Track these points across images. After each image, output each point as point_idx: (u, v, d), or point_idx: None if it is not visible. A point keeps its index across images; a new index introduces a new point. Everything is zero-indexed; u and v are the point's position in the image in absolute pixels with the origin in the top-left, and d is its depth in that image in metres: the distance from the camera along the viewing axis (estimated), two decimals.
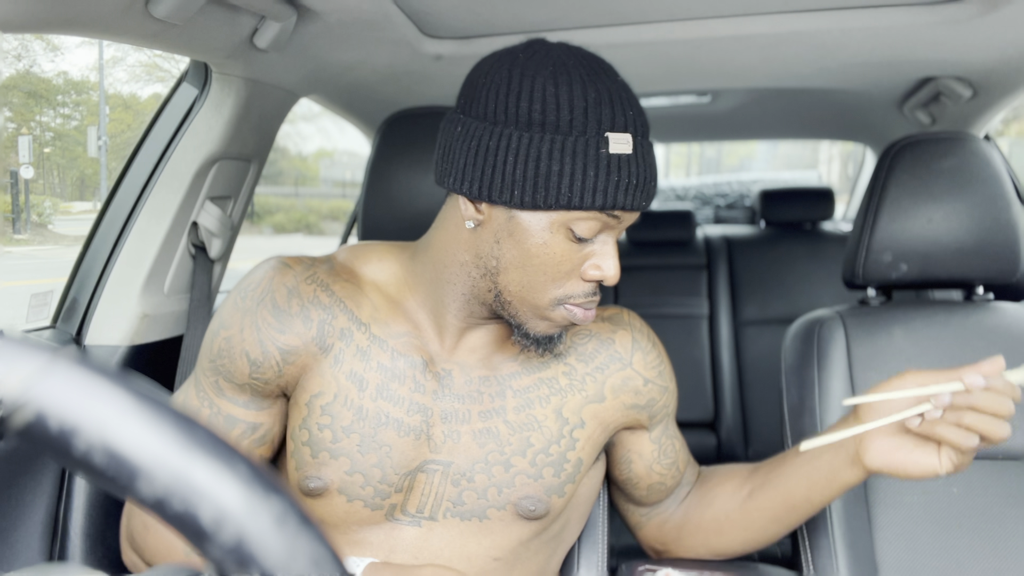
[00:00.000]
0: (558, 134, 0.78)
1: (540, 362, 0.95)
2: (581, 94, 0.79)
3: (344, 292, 0.92)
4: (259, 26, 1.12)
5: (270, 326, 0.88)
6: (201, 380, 0.92)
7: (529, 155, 0.78)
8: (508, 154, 0.79)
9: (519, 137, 0.79)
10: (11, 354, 0.32)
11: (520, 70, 0.81)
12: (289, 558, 0.32)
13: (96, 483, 0.32)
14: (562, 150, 0.78)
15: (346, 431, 0.88)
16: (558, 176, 0.78)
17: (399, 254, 0.97)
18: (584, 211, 0.79)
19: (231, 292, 0.92)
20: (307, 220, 11.64)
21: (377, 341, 0.90)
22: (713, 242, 2.74)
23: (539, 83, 0.79)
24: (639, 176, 0.80)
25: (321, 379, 0.89)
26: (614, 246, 0.84)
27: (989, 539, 1.11)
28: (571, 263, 0.82)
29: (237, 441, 0.89)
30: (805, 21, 1.26)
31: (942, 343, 1.22)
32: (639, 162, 0.80)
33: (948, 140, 1.24)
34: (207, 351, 0.91)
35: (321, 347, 0.89)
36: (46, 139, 1.86)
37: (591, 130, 0.78)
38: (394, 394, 0.89)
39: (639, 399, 0.98)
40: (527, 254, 0.81)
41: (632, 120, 0.81)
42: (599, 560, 1.07)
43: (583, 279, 0.83)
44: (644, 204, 0.83)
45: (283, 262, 0.92)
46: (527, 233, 0.81)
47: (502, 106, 0.80)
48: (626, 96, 0.82)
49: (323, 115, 1.95)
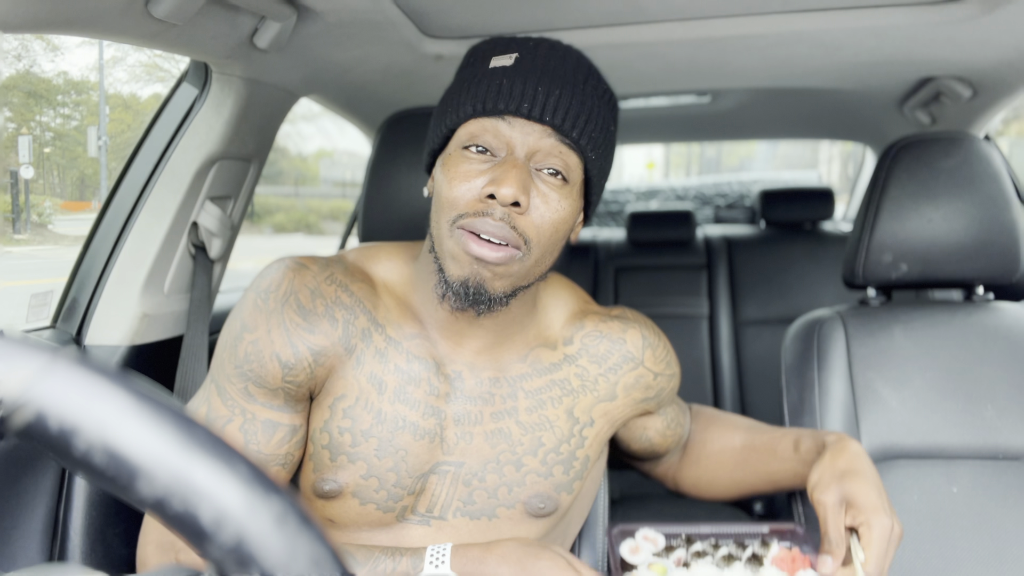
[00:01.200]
0: (455, 79, 0.90)
1: (550, 363, 0.95)
2: (482, 45, 0.90)
3: (362, 292, 0.91)
4: (259, 26, 1.12)
5: (299, 327, 0.86)
6: (227, 388, 0.87)
7: (439, 105, 0.90)
8: (433, 116, 0.92)
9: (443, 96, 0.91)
10: (11, 354, 0.32)
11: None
12: (289, 558, 0.32)
13: (96, 483, 0.32)
14: (454, 85, 0.89)
15: (365, 435, 0.87)
16: (447, 103, 0.88)
17: (404, 254, 0.98)
18: (467, 123, 0.84)
19: (246, 294, 0.90)
20: (307, 220, 11.64)
21: (393, 343, 0.90)
22: (713, 242, 2.74)
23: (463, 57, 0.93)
24: (515, 81, 0.83)
25: (344, 381, 0.88)
26: (513, 163, 0.81)
27: (989, 539, 1.11)
28: (468, 182, 0.82)
29: (278, 446, 0.88)
30: (805, 21, 1.26)
31: (942, 343, 1.22)
32: (519, 71, 0.84)
33: (948, 140, 1.24)
34: (230, 356, 0.87)
35: (346, 348, 0.88)
36: (46, 139, 1.86)
37: (483, 60, 0.87)
38: (410, 397, 0.89)
39: (649, 392, 1.01)
40: (438, 186, 0.86)
41: (530, 47, 0.87)
42: (599, 559, 1.07)
43: (478, 199, 0.82)
44: (524, 108, 0.82)
45: (299, 262, 0.90)
46: (439, 170, 0.88)
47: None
48: (530, 39, 0.89)
49: (323, 115, 1.95)
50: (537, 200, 0.82)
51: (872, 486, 0.91)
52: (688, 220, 2.74)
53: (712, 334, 2.58)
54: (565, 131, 0.83)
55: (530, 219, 0.82)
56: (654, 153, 9.45)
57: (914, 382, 1.20)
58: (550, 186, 0.83)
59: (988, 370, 1.19)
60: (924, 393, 1.19)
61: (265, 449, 0.87)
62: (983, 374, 1.19)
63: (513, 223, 0.81)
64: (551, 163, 0.83)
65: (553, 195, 0.83)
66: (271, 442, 0.87)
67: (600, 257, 2.79)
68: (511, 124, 0.82)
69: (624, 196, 4.22)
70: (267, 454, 0.87)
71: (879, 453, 1.17)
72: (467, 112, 0.83)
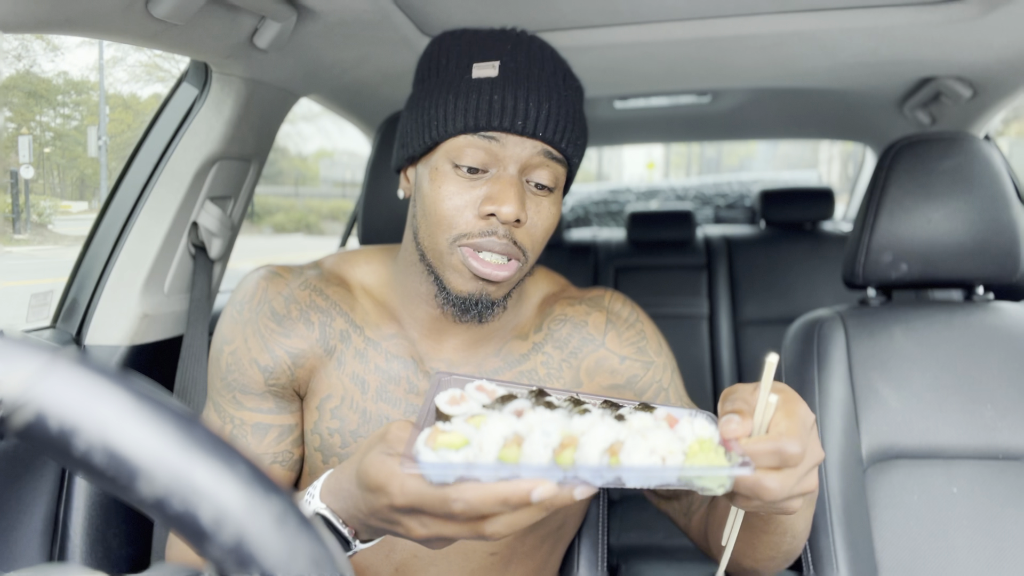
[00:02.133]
0: (434, 79, 0.86)
1: (520, 355, 0.95)
2: (454, 43, 0.87)
3: (337, 296, 0.93)
4: (259, 26, 1.12)
5: (274, 332, 0.89)
6: (218, 401, 0.90)
7: (414, 107, 0.87)
8: (406, 116, 0.88)
9: (412, 99, 0.88)
10: (11, 354, 0.32)
11: (424, 50, 0.91)
12: (289, 558, 0.32)
13: (96, 483, 0.32)
14: (435, 90, 0.84)
15: (354, 435, 0.88)
16: (429, 112, 0.84)
17: (384, 256, 0.99)
18: (456, 138, 0.82)
19: (225, 308, 0.92)
20: (307, 220, 11.65)
21: (372, 343, 0.91)
22: (713, 242, 2.74)
23: (428, 49, 0.90)
24: (505, 95, 0.81)
25: (328, 381, 0.89)
26: (509, 180, 0.82)
27: (989, 539, 1.11)
28: (462, 198, 0.82)
29: (272, 445, 0.89)
30: (805, 21, 1.26)
31: (942, 343, 1.22)
32: (507, 84, 0.82)
33: (948, 140, 1.24)
34: (216, 370, 0.90)
35: (325, 349, 0.90)
36: (46, 139, 1.85)
37: (462, 65, 0.84)
38: (391, 396, 0.90)
39: (616, 378, 0.97)
40: (424, 198, 0.85)
41: (509, 52, 0.84)
42: (599, 559, 1.07)
43: (479, 217, 0.82)
44: (518, 124, 0.81)
45: (272, 271, 0.93)
46: (423, 179, 0.86)
47: (414, 83, 0.91)
48: (511, 36, 0.86)
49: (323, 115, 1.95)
50: (531, 211, 0.84)
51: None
52: (688, 220, 2.74)
53: (712, 334, 2.58)
54: (555, 143, 0.84)
55: (526, 230, 0.84)
56: (654, 153, 9.45)
57: (914, 382, 1.20)
58: (540, 195, 0.85)
59: (988, 370, 1.19)
60: (924, 393, 1.19)
61: (257, 449, 0.88)
62: (983, 374, 1.19)
63: (513, 237, 0.83)
64: (542, 178, 0.85)
65: (544, 203, 0.86)
66: (263, 442, 0.89)
67: (600, 257, 2.79)
68: (503, 141, 0.82)
69: (624, 196, 4.22)
70: (261, 453, 0.88)
71: (879, 453, 1.17)
72: (458, 127, 0.82)
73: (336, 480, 0.67)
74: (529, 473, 0.55)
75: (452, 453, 0.56)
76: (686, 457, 0.58)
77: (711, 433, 0.60)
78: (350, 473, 0.65)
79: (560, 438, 0.58)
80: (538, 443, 0.57)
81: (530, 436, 0.57)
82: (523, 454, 0.56)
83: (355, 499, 0.63)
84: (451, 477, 0.56)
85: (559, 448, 0.57)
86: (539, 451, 0.56)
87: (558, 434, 0.58)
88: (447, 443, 0.57)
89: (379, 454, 0.60)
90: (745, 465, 0.58)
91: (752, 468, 0.58)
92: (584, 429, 0.59)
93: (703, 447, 0.58)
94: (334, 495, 0.66)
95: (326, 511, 0.66)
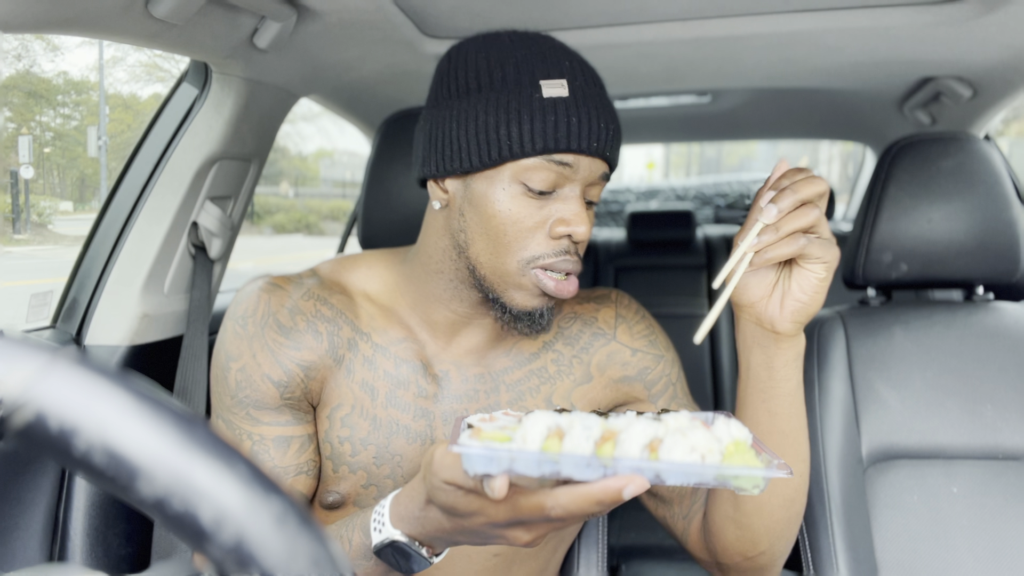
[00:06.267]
0: (492, 92, 0.81)
1: (530, 353, 0.95)
2: (510, 52, 0.83)
3: (341, 304, 0.92)
4: (259, 26, 1.12)
5: (283, 345, 0.87)
6: (230, 419, 0.88)
7: (469, 118, 0.81)
8: (453, 124, 0.83)
9: (460, 106, 0.83)
10: (11, 354, 0.32)
11: (456, 50, 0.87)
12: (289, 558, 0.32)
13: (96, 483, 0.32)
14: (497, 105, 0.80)
15: (364, 443, 0.88)
16: (495, 129, 0.80)
17: (389, 260, 0.97)
18: (528, 159, 0.80)
19: (225, 323, 0.89)
20: (307, 220, 11.65)
21: (380, 349, 0.90)
22: (713, 242, 2.74)
23: (471, 54, 0.84)
24: (580, 117, 0.80)
25: (338, 391, 0.89)
26: (578, 201, 0.83)
27: (989, 539, 1.11)
28: (532, 220, 0.82)
29: (296, 456, 0.88)
30: (805, 21, 1.26)
31: (942, 343, 1.22)
32: (579, 104, 0.80)
33: (948, 140, 1.24)
34: (224, 389, 0.88)
35: (335, 359, 0.89)
36: (46, 139, 1.86)
37: (524, 80, 0.81)
38: (400, 401, 0.89)
39: (628, 370, 0.97)
40: (487, 218, 0.82)
41: (569, 68, 0.82)
42: (599, 560, 1.07)
43: (551, 237, 0.82)
44: (594, 146, 0.81)
45: (272, 283, 0.91)
46: (484, 197, 0.83)
47: (444, 86, 0.85)
48: (560, 49, 0.85)
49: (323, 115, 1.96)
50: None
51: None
52: (688, 220, 2.74)
53: (712, 334, 2.58)
54: (612, 161, 0.85)
55: (581, 244, 0.86)
56: (654, 153, 9.46)
57: (914, 382, 1.20)
58: (588, 209, 0.87)
59: (988, 370, 1.19)
60: (924, 393, 1.19)
61: (282, 462, 0.87)
62: (983, 374, 1.19)
63: (577, 252, 0.85)
64: (594, 195, 0.86)
65: (591, 215, 0.88)
66: (287, 455, 0.87)
67: (600, 257, 2.79)
68: (575, 164, 0.81)
69: (624, 196, 4.22)
70: (285, 466, 0.87)
71: (879, 453, 1.17)
72: (535, 149, 0.79)
73: (406, 508, 0.70)
74: (569, 466, 0.56)
75: (497, 445, 0.58)
76: (723, 457, 0.59)
77: (745, 435, 0.61)
78: (420, 501, 0.68)
79: (601, 431, 0.59)
80: (580, 436, 0.57)
81: (571, 429, 0.58)
82: (565, 446, 0.57)
83: (438, 523, 0.67)
84: (495, 468, 0.57)
85: (600, 441, 0.58)
86: (581, 443, 0.57)
87: (599, 427, 0.59)
88: (492, 437, 0.59)
89: (453, 490, 0.63)
90: (781, 467, 0.59)
91: (789, 471, 0.58)
92: (623, 427, 0.60)
93: (738, 448, 0.60)
94: (406, 522, 0.70)
95: (402, 537, 0.70)
